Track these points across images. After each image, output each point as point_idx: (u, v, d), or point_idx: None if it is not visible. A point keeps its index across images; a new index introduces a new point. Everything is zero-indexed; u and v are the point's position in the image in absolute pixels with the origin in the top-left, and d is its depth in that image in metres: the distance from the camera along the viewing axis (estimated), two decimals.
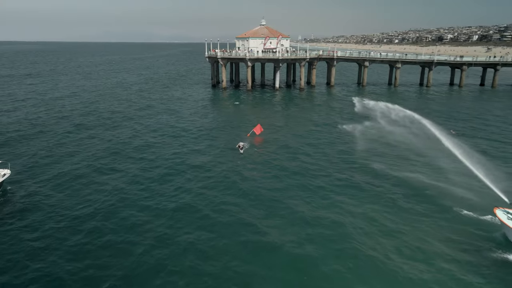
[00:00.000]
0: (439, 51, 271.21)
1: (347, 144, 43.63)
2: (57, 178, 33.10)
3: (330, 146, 42.84)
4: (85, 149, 41.25)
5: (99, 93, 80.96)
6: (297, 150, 41.74)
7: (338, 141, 45.16)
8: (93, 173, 34.22)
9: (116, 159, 38.56)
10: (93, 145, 42.84)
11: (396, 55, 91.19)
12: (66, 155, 39.26)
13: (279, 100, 75.94)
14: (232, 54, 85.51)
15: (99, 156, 39.10)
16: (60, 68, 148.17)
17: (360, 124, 51.62)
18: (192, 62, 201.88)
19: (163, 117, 59.60)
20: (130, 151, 41.21)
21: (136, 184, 31.99)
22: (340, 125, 52.83)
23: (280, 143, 44.96)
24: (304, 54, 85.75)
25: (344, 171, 35.04)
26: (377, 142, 44.00)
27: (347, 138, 46.26)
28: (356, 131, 49.13)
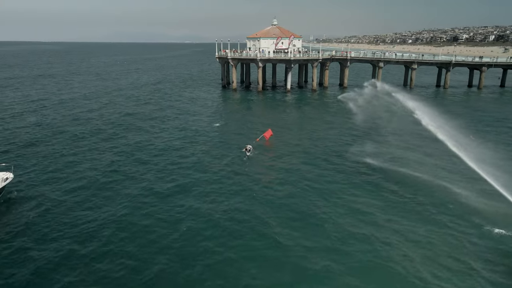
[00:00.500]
0: (454, 52, 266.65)
1: (363, 148, 41.38)
2: (65, 183, 31.80)
3: (344, 151, 40.65)
4: (93, 153, 39.87)
5: (111, 95, 80.00)
6: (309, 155, 39.76)
7: (354, 144, 42.92)
8: (102, 178, 32.78)
9: (123, 163, 37.20)
10: (103, 149, 41.46)
11: (412, 55, 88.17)
12: (76, 159, 37.94)
13: (290, 102, 73.91)
14: (243, 54, 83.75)
15: (107, 160, 37.76)
16: (73, 68, 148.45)
17: (378, 127, 49.38)
18: (204, 62, 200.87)
19: (171, 119, 58.27)
20: (138, 155, 39.84)
21: (143, 190, 30.63)
22: (355, 128, 50.60)
23: (290, 147, 43.13)
24: (316, 55, 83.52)
25: (362, 178, 32.88)
26: (398, 146, 41.74)
27: (363, 142, 44.05)
28: (374, 134, 46.94)
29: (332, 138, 46.24)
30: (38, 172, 34.11)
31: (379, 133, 47.72)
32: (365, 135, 46.99)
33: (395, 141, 42.92)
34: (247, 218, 25.86)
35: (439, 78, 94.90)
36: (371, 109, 58.85)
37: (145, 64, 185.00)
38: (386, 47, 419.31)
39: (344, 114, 60.64)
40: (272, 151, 42.11)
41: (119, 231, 24.10)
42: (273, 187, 31.33)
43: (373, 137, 46.15)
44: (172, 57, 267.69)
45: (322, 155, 39.68)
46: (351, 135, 47.61)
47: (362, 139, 45.14)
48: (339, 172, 34.70)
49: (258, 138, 44.10)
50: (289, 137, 47.43)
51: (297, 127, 53.04)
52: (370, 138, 45.38)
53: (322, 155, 39.68)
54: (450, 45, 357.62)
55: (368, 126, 50.73)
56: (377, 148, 41.01)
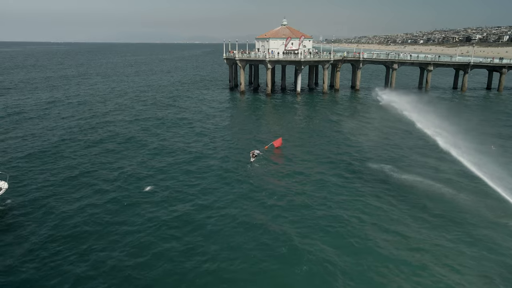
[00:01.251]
0: (468, 52, 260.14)
1: (378, 156, 38.02)
2: (67, 192, 29.82)
3: (358, 161, 37.35)
4: (92, 160, 37.23)
5: (116, 99, 77.67)
6: (317, 163, 36.66)
7: (367, 154, 39.57)
8: (101, 184, 30.23)
9: (122, 167, 35.10)
10: (97, 153, 38.86)
11: (427, 57, 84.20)
12: (77, 165, 35.59)
13: (300, 105, 70.66)
14: (251, 55, 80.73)
15: (107, 167, 35.32)
16: (83, 69, 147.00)
17: (395, 135, 45.98)
18: (211, 63, 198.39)
19: (176, 121, 55.83)
20: (137, 160, 37.60)
21: (144, 197, 29.04)
22: (369, 135, 47.26)
23: (299, 155, 40.13)
24: (328, 56, 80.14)
25: (376, 190, 29.63)
26: (416, 153, 38.39)
27: (378, 150, 40.68)
28: (390, 142, 43.57)
29: (346, 147, 42.96)
30: (35, 180, 31.75)
31: (396, 144, 44.30)
32: (383, 145, 43.53)
33: (419, 159, 39.49)
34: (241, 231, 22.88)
35: (456, 80, 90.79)
36: (385, 119, 55.56)
37: (152, 65, 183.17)
38: (397, 48, 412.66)
39: (356, 118, 57.26)
40: (279, 158, 39.28)
41: (116, 238, 23.09)
42: (275, 197, 28.36)
43: (390, 147, 42.73)
44: (181, 58, 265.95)
45: (335, 166, 36.45)
46: (367, 144, 44.19)
47: (378, 149, 41.73)
48: (351, 185, 31.50)
49: (267, 145, 41.11)
50: (298, 144, 44.31)
51: (307, 133, 49.78)
52: (387, 149, 41.97)
53: (335, 166, 36.45)
54: (462, 46, 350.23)
55: (384, 136, 47.33)
56: (396, 161, 37.65)
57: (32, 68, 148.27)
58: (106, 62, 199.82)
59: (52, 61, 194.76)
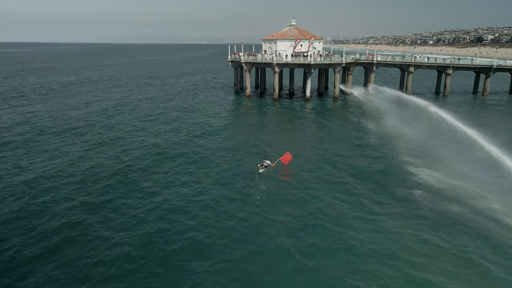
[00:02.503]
0: (480, 53, 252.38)
1: (406, 176, 32.88)
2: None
3: (379, 183, 32.26)
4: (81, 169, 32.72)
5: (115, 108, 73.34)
6: (332, 178, 31.91)
7: (391, 174, 34.45)
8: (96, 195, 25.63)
9: (117, 181, 31.91)
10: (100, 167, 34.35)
11: (446, 59, 78.68)
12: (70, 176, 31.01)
13: (310, 112, 65.61)
14: (258, 58, 75.89)
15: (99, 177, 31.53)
16: (85, 74, 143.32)
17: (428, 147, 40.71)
18: (217, 64, 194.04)
19: (177, 126, 51.70)
20: (135, 172, 33.95)
21: (136, 216, 26.22)
22: (384, 146, 42.12)
23: (310, 168, 35.79)
24: (339, 59, 75.01)
25: (409, 224, 24.58)
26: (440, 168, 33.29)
27: (395, 162, 35.57)
28: (421, 161, 38.35)
29: (359, 158, 37.86)
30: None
31: (433, 157, 39.03)
32: (411, 161, 38.26)
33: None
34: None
35: (477, 84, 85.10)
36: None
37: (155, 64, 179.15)
38: (406, 48, 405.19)
39: (372, 127, 51.99)
40: (289, 175, 34.90)
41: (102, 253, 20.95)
42: (282, 217, 23.53)
43: (424, 164, 37.45)
44: (187, 58, 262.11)
45: (353, 187, 31.43)
46: (391, 161, 38.98)
47: (405, 165, 36.51)
48: (373, 217, 26.46)
49: (274, 163, 36.23)
50: (309, 158, 39.42)
51: (320, 145, 44.70)
52: (418, 167, 36.74)
53: (353, 187, 31.43)
54: (474, 46, 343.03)
55: (414, 150, 42.02)
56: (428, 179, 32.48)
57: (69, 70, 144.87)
58: (122, 69, 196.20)
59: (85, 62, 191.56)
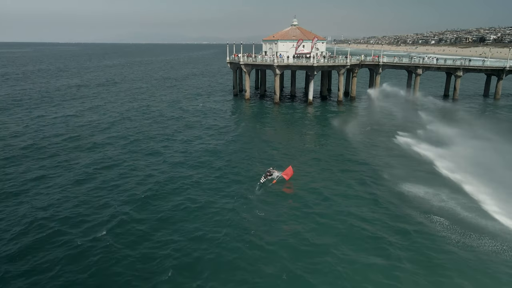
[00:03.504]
0: (484, 53, 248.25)
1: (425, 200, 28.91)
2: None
3: (395, 204, 28.29)
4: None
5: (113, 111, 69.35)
6: (338, 202, 27.73)
7: (397, 192, 30.49)
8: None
9: (105, 191, 28.91)
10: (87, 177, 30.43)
11: (456, 61, 74.67)
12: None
13: (314, 117, 61.64)
14: (257, 59, 71.93)
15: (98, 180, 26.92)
16: (85, 78, 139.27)
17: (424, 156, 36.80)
18: (219, 66, 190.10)
19: (172, 134, 47.92)
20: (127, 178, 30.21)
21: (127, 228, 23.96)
22: (396, 157, 38.19)
23: (314, 182, 32.10)
24: (344, 60, 71.03)
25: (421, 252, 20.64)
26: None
27: (405, 175, 31.62)
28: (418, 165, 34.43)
29: (367, 171, 33.91)
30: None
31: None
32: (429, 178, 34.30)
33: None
34: None
35: (487, 86, 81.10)
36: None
37: (153, 65, 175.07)
38: (407, 48, 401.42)
39: (380, 134, 47.99)
40: (289, 189, 31.30)
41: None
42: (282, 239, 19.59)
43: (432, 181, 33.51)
44: (188, 58, 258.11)
45: (361, 204, 27.48)
46: (408, 177, 35.00)
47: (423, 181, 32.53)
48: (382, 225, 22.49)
49: (275, 179, 32.38)
50: (311, 169, 35.62)
51: (323, 155, 40.76)
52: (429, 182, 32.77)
53: (361, 204, 27.48)
54: (476, 46, 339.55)
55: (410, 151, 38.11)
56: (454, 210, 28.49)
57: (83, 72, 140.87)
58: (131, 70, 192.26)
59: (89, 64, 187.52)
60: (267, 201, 28.84)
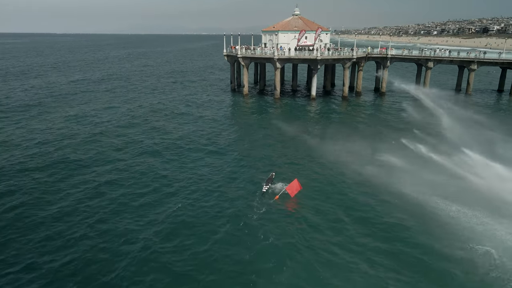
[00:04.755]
0: (489, 44, 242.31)
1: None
2: None
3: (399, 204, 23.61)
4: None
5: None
6: (350, 213, 22.99)
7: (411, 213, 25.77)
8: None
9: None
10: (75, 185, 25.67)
11: (470, 53, 69.46)
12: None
13: (318, 115, 56.73)
14: (256, 52, 66.74)
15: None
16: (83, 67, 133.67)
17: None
18: (217, 58, 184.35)
19: (164, 133, 43.16)
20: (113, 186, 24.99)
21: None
22: (409, 163, 33.41)
23: (322, 195, 27.58)
24: (349, 53, 65.90)
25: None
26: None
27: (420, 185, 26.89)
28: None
29: (379, 177, 29.17)
30: None
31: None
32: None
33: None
34: None
35: (502, 80, 76.05)
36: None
37: (149, 57, 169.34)
38: (410, 39, 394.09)
39: (393, 135, 43.04)
40: (295, 202, 26.79)
41: None
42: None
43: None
44: (184, 50, 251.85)
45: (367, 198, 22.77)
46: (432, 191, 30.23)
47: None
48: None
49: (277, 195, 27.70)
50: (320, 177, 30.89)
51: (332, 158, 35.98)
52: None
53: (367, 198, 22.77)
54: (480, 37, 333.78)
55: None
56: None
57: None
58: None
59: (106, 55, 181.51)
60: (268, 226, 24.15)
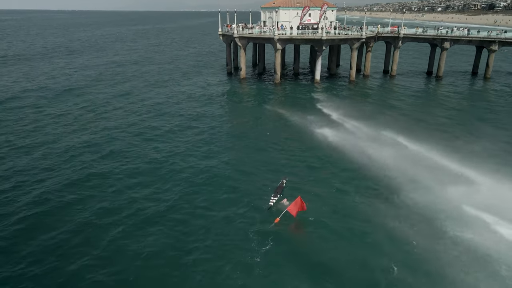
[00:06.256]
0: (496, 22, 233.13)
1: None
2: None
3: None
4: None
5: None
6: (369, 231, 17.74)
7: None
8: None
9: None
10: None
11: (492, 33, 62.73)
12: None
13: (323, 101, 50.68)
14: (254, 32, 60.07)
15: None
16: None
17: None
18: (213, 37, 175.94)
19: (146, 127, 37.43)
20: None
21: None
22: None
23: (329, 209, 22.02)
24: (358, 32, 59.31)
25: None
26: None
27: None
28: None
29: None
30: None
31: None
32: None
33: None
34: None
35: None
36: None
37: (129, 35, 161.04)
38: (414, 16, 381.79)
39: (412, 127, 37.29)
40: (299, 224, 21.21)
41: None
42: None
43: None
44: (180, 28, 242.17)
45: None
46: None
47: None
48: None
49: (278, 217, 22.30)
50: (329, 184, 25.34)
51: (341, 158, 30.49)
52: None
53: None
54: (486, 14, 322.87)
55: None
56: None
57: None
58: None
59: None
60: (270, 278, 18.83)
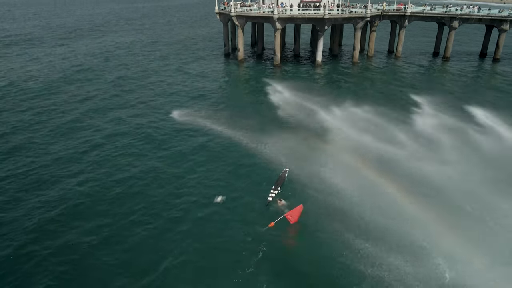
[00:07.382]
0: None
1: None
2: None
3: None
4: None
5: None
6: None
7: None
8: None
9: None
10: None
11: (503, 11, 59.19)
12: None
13: (325, 83, 48.15)
14: (253, 10, 56.67)
15: None
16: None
17: None
18: (208, 16, 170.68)
19: (134, 115, 35.02)
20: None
21: None
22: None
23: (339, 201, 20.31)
24: (362, 10, 56.03)
25: None
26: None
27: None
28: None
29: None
30: None
31: None
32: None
33: None
34: None
35: None
36: None
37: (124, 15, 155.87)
38: None
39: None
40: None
41: None
42: None
43: None
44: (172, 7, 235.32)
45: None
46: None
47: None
48: None
49: (274, 221, 20.20)
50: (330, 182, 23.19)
51: (346, 147, 28.22)
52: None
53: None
54: None
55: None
56: None
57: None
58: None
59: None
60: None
